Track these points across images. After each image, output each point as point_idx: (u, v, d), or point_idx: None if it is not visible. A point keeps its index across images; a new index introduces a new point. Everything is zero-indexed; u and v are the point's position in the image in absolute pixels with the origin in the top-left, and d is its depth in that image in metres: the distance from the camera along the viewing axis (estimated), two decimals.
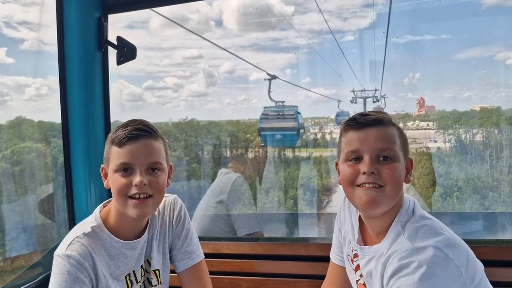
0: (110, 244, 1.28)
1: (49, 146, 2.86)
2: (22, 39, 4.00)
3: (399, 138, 1.16)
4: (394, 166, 1.11)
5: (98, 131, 1.93)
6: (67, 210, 1.92)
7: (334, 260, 1.48)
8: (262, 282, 1.81)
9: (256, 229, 2.45)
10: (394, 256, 1.07)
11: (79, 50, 1.85)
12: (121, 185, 1.21)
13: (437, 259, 1.02)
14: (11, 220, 2.76)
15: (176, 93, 14.33)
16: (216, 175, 2.71)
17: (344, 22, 15.05)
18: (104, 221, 1.30)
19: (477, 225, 2.52)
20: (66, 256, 1.19)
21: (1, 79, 3.62)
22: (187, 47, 16.05)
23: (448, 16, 10.29)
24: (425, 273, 0.99)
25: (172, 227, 1.45)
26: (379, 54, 11.91)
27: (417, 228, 1.11)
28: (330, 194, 10.88)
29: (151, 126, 1.26)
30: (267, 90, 9.90)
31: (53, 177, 2.46)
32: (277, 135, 10.15)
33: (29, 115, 4.12)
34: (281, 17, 9.79)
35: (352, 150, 1.15)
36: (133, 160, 1.20)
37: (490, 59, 13.62)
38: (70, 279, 1.18)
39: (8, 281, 1.81)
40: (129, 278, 1.33)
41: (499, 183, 10.53)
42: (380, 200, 1.11)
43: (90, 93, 1.90)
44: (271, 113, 10.13)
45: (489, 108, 11.94)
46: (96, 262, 1.23)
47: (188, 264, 1.44)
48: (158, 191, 1.24)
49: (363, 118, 1.15)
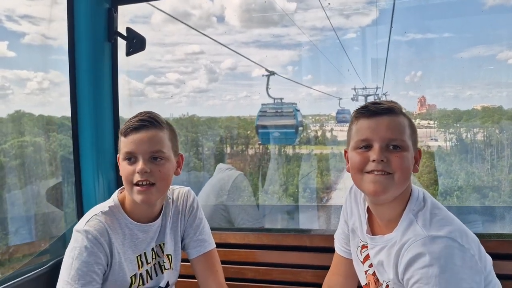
0: (125, 224, 1.35)
1: (49, 140, 2.89)
2: (23, 33, 4.00)
3: (409, 128, 1.17)
4: (403, 155, 1.13)
5: (107, 121, 1.94)
6: (75, 200, 1.94)
7: (339, 252, 1.50)
8: (267, 272, 1.84)
9: (256, 225, 2.41)
10: (409, 244, 1.08)
11: (89, 41, 1.86)
12: (127, 173, 1.28)
13: (454, 249, 1.03)
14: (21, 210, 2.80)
15: (178, 89, 14.29)
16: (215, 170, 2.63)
17: (347, 20, 14.98)
18: (121, 202, 1.38)
19: (475, 218, 2.55)
20: (84, 231, 1.26)
21: (2, 72, 3.63)
22: (189, 42, 15.96)
23: (451, 14, 10.25)
24: (444, 264, 1.01)
25: (185, 216, 1.51)
26: (381, 52, 11.90)
27: (430, 217, 1.12)
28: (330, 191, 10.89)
29: (156, 117, 1.31)
30: (265, 86, 9.69)
31: (61, 167, 2.48)
32: (275, 132, 9.87)
33: (30, 109, 4.13)
34: (283, 13, 9.74)
35: (362, 138, 1.16)
36: (136, 149, 1.27)
37: (492, 58, 13.60)
38: (86, 252, 1.25)
39: (16, 268, 1.84)
40: (140, 258, 1.40)
41: (500, 182, 10.53)
42: (389, 186, 1.13)
43: (99, 84, 1.92)
44: (269, 110, 9.90)
45: (490, 107, 11.94)
46: (112, 239, 1.30)
47: (200, 251, 1.51)
48: (160, 179, 1.28)
49: (375, 106, 1.16)
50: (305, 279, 1.79)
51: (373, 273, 1.30)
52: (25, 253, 2.22)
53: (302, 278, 1.80)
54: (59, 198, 2.31)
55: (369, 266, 1.31)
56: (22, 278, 1.57)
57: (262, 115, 9.90)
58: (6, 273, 1.67)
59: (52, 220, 2.38)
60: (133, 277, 1.38)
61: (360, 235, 1.35)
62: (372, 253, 1.26)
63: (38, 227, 2.57)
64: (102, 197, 1.94)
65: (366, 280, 1.34)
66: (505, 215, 2.83)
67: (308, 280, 1.79)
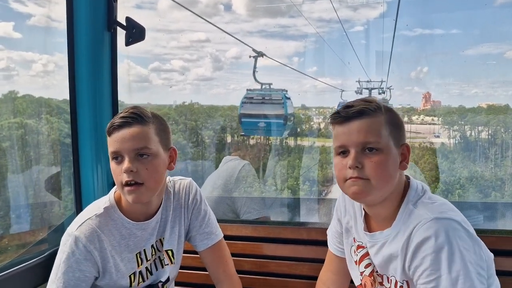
0: (122, 225, 1.33)
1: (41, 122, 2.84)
2: (29, 14, 3.98)
3: (388, 125, 1.13)
4: (379, 158, 1.10)
5: (105, 110, 1.94)
6: (74, 188, 1.94)
7: (332, 250, 1.48)
8: (264, 264, 1.84)
9: (262, 215, 2.40)
10: (417, 229, 1.06)
11: (88, 29, 1.85)
12: (115, 173, 1.26)
13: (459, 231, 1.02)
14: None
15: (183, 75, 14.11)
16: (214, 159, 2.64)
17: (354, 12, 14.83)
18: (117, 201, 1.35)
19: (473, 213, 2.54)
20: (75, 237, 1.26)
21: (8, 53, 3.61)
22: (195, 30, 15.79)
23: (457, 8, 10.09)
24: (450, 248, 1.00)
25: (188, 209, 1.49)
26: (387, 46, 11.77)
27: (432, 202, 1.12)
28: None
29: (140, 112, 1.26)
30: (252, 69, 8.50)
31: (60, 155, 2.48)
32: (261, 123, 8.78)
33: (33, 91, 4.11)
34: (291, 3, 9.50)
35: (338, 145, 1.15)
36: (120, 148, 1.24)
37: (499, 56, 13.45)
38: (73, 258, 1.26)
39: (14, 256, 1.84)
40: (139, 256, 1.38)
41: (503, 182, 10.44)
42: (367, 191, 1.11)
43: (98, 73, 1.91)
44: (256, 97, 8.85)
45: (496, 106, 11.84)
46: (104, 245, 1.29)
47: (208, 244, 1.51)
48: (148, 177, 1.25)
49: (345, 111, 1.14)
50: (302, 272, 1.79)
51: (369, 274, 1.28)
52: (21, 242, 2.23)
53: (299, 271, 1.80)
54: (56, 186, 2.31)
55: (365, 266, 1.29)
56: (19, 267, 1.57)
57: (247, 102, 8.83)
58: (3, 261, 1.68)
59: (50, 209, 2.38)
60: (132, 276, 1.37)
61: (355, 234, 1.33)
62: (373, 251, 1.23)
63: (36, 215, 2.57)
64: (101, 185, 1.94)
65: (362, 281, 1.31)
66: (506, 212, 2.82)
67: (304, 273, 1.79)
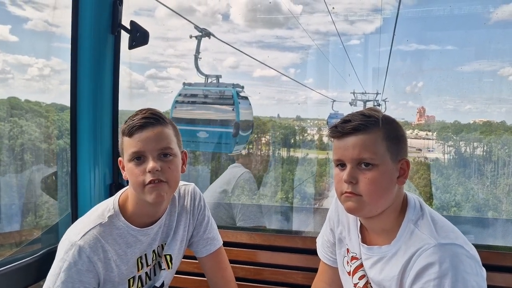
0: (127, 232, 1.32)
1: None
2: (27, 18, 3.99)
3: (385, 140, 1.12)
4: (372, 175, 1.10)
5: (105, 112, 1.94)
6: (70, 189, 1.93)
7: (323, 259, 1.47)
8: (259, 272, 1.84)
9: (258, 223, 2.42)
10: (419, 253, 1.06)
11: (92, 32, 1.86)
12: (136, 174, 1.23)
13: (463, 256, 1.03)
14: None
15: (179, 84, 14.19)
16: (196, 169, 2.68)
17: (351, 26, 15.02)
18: (121, 207, 1.33)
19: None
20: (78, 247, 1.23)
21: (3, 57, 3.62)
22: (192, 39, 15.89)
23: (454, 27, 10.26)
24: (455, 274, 1.00)
25: (194, 215, 1.49)
26: (383, 60, 11.89)
27: (433, 224, 1.11)
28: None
29: (159, 113, 1.28)
30: (194, 55, 5.85)
31: (57, 157, 2.47)
32: (201, 132, 6.10)
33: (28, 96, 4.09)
34: (290, 15, 9.53)
35: (336, 159, 1.17)
36: (144, 148, 1.23)
37: (493, 73, 13.64)
38: (75, 269, 1.22)
39: (6, 255, 1.83)
40: (140, 260, 1.37)
41: (500, 201, 10.39)
42: (360, 206, 1.12)
43: (100, 75, 1.92)
44: (199, 94, 6.14)
45: (493, 122, 11.92)
46: (108, 254, 1.27)
47: (210, 250, 1.51)
48: (171, 176, 1.26)
49: (342, 126, 1.14)
50: (296, 280, 1.79)
51: (363, 286, 1.27)
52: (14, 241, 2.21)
53: (293, 280, 1.80)
54: (52, 187, 2.30)
55: (359, 278, 1.28)
56: (12, 265, 1.56)
57: (183, 101, 6.20)
58: None
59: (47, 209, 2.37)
60: (131, 280, 1.36)
61: (349, 245, 1.32)
62: (368, 264, 1.22)
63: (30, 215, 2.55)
64: (98, 188, 1.93)
65: None
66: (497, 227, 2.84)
67: (298, 281, 1.79)
